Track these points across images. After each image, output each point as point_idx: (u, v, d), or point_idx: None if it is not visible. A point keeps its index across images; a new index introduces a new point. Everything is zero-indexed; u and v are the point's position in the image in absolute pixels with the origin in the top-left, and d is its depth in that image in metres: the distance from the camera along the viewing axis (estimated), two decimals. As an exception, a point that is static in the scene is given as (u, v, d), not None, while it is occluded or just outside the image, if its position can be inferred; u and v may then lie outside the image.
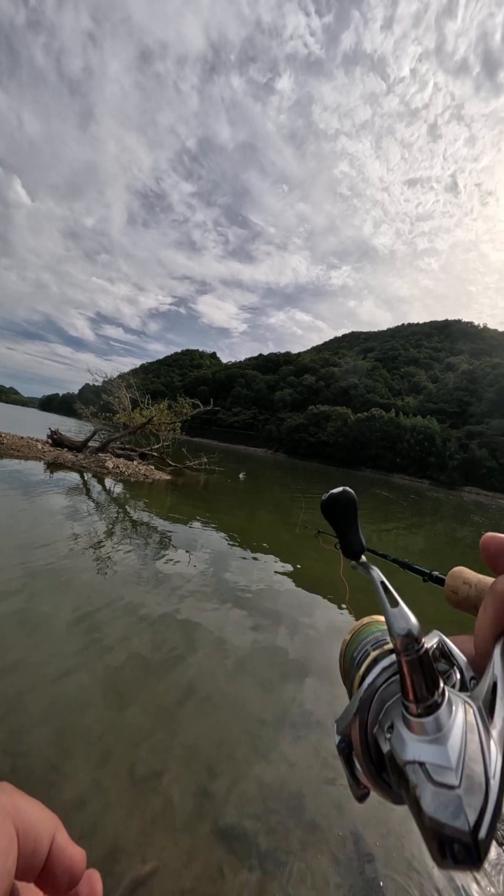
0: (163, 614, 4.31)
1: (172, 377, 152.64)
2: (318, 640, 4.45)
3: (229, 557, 6.94)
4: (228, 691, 3.25)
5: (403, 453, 79.23)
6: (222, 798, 2.26)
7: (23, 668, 3.07)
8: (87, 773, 2.27)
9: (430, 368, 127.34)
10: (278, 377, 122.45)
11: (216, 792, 2.29)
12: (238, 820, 2.15)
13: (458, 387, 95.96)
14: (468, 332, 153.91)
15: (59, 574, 4.80)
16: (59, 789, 2.15)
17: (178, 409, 19.68)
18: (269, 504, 16.31)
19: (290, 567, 6.89)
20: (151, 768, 2.36)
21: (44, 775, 2.22)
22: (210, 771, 2.42)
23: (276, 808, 2.25)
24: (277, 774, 2.49)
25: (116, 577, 5.11)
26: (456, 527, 19.84)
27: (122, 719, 2.73)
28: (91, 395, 40.47)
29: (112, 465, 15.00)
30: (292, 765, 2.58)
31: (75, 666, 3.20)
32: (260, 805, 2.26)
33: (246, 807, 2.23)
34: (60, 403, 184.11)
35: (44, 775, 2.22)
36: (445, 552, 12.21)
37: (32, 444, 16.05)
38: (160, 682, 3.20)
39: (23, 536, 5.92)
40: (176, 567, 5.89)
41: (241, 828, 2.11)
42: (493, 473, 73.99)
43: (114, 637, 3.70)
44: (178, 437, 21.12)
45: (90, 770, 2.29)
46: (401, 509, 22.61)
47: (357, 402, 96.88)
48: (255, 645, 4.07)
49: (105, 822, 2.01)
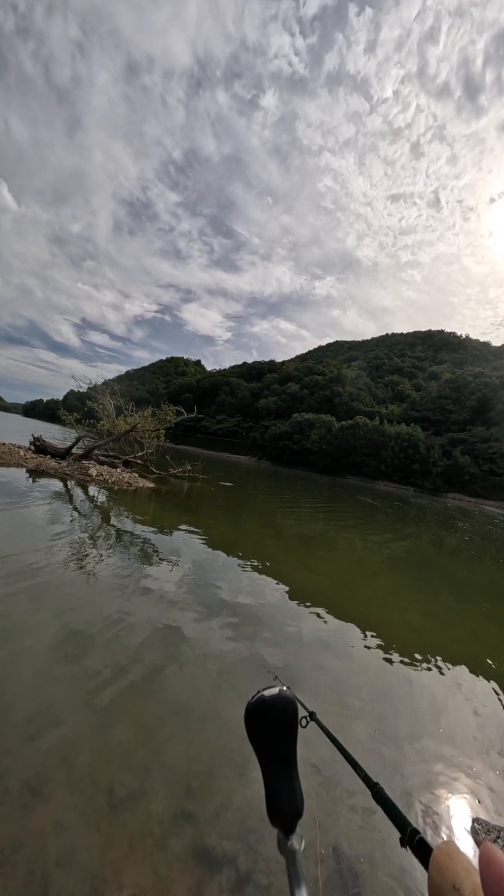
0: (144, 626, 4.26)
1: (157, 384, 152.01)
2: (301, 651, 4.44)
3: (212, 566, 6.90)
4: (209, 706, 3.22)
5: (388, 460, 79.99)
6: (201, 818, 2.23)
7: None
8: (64, 795, 2.22)
9: (414, 377, 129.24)
10: (262, 385, 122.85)
11: (195, 812, 2.25)
12: (217, 841, 2.12)
13: (441, 395, 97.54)
14: (451, 343, 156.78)
15: (38, 584, 4.71)
16: (34, 813, 2.10)
17: (162, 416, 19.56)
18: (253, 512, 16.29)
19: (272, 576, 6.88)
20: (130, 789, 2.32)
21: (19, 798, 2.17)
22: (189, 790, 2.38)
23: (255, 826, 2.23)
24: (257, 791, 2.46)
25: (97, 588, 5.04)
26: (442, 532, 20.06)
27: (100, 737, 2.68)
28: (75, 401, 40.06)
29: (96, 473, 14.82)
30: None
31: (53, 680, 3.14)
32: (239, 825, 2.23)
33: (225, 827, 2.21)
34: (44, 409, 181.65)
35: (19, 798, 2.17)
36: (433, 557, 12.31)
37: (14, 451, 15.77)
38: (140, 696, 3.15)
39: (1, 546, 5.80)
40: (158, 577, 5.83)
41: (221, 849, 2.08)
42: (475, 480, 75.18)
43: (93, 649, 3.64)
44: (162, 445, 21.00)
45: (67, 792, 2.24)
46: (386, 517, 22.78)
47: (341, 410, 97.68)
48: (237, 656, 4.05)
49: (82, 848, 1.97)
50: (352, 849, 2.21)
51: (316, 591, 6.68)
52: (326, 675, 4.04)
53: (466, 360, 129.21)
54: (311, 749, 2.81)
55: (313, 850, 2.12)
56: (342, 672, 4.19)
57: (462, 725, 3.66)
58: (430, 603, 7.45)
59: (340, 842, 2.24)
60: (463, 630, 6.38)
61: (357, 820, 2.39)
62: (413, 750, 3.15)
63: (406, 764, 2.97)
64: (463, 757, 3.18)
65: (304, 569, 8.22)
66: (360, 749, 3.03)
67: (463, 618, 7.06)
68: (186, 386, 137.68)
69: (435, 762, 3.05)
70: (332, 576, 8.12)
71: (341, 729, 3.23)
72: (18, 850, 1.91)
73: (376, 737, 3.23)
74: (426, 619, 6.43)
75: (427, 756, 3.11)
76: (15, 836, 1.96)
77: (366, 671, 4.32)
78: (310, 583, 7.20)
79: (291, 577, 7.27)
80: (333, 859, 2.14)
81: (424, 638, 5.57)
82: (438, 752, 3.18)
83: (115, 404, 20.40)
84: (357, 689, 3.89)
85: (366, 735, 3.23)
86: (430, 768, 2.98)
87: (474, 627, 6.58)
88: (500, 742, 3.50)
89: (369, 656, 4.67)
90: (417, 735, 3.35)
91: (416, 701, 3.91)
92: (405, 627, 5.86)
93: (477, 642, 5.90)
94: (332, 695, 3.72)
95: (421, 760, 3.04)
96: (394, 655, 4.75)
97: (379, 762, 2.94)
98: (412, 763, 2.99)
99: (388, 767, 2.90)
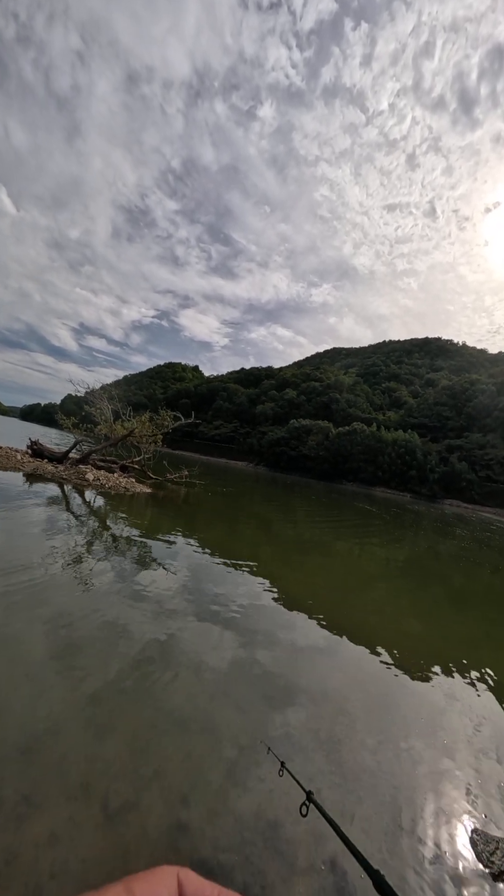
0: (140, 634, 4.24)
1: (155, 389, 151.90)
2: (296, 659, 4.43)
3: (209, 572, 6.88)
4: (205, 714, 3.19)
5: (385, 467, 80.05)
6: (197, 829, 2.21)
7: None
8: (60, 805, 2.20)
9: (411, 384, 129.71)
10: (260, 391, 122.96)
11: (191, 823, 2.23)
12: (213, 853, 2.10)
13: (438, 402, 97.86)
14: (448, 350, 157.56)
15: (34, 591, 4.68)
16: (30, 823, 2.08)
17: (159, 421, 19.55)
18: (250, 518, 16.26)
19: (269, 583, 6.86)
20: (126, 799, 2.29)
21: (13, 808, 2.14)
22: (185, 801, 2.36)
23: (252, 838, 2.21)
24: (254, 802, 2.45)
25: (93, 594, 5.01)
26: (439, 539, 20.06)
27: (95, 746, 2.65)
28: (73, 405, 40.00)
29: (93, 478, 14.78)
30: (269, 791, 2.54)
31: (48, 688, 3.11)
32: (236, 836, 2.21)
33: (221, 838, 2.19)
34: (42, 413, 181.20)
35: (13, 808, 2.14)
36: (431, 564, 12.29)
37: (11, 455, 15.73)
38: (136, 705, 3.13)
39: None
40: (154, 583, 5.81)
41: (216, 861, 2.06)
42: (472, 486, 75.32)
43: (89, 657, 3.62)
44: (160, 450, 20.97)
45: (63, 802, 2.21)
46: (383, 523, 22.77)
47: (338, 417, 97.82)
48: (233, 664, 4.02)
49: (77, 859, 1.95)
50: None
51: (313, 597, 6.66)
52: (322, 683, 4.02)
53: (463, 367, 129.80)
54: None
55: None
56: (339, 680, 4.17)
57: (459, 735, 3.64)
58: (428, 609, 7.43)
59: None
60: (461, 637, 6.37)
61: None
62: (410, 759, 3.13)
63: (403, 774, 2.95)
64: (460, 767, 3.17)
65: (301, 575, 8.20)
66: (356, 759, 3.01)
67: (462, 625, 7.05)
68: (184, 391, 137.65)
69: (432, 772, 3.04)
70: (329, 582, 8.10)
71: (337, 740, 3.21)
72: (13, 861, 1.89)
73: (374, 748, 3.21)
74: (424, 625, 6.42)
75: (424, 766, 3.09)
76: (9, 847, 1.94)
77: (362, 680, 4.31)
78: (306, 589, 7.17)
79: (288, 583, 7.25)
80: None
81: (422, 645, 5.56)
82: (436, 762, 3.16)
83: (113, 409, 20.38)
84: (353, 699, 3.88)
85: (363, 746, 3.22)
86: (428, 779, 2.96)
87: (471, 634, 6.57)
88: (498, 751, 3.48)
89: (366, 664, 4.66)
90: (414, 744, 3.34)
91: (414, 710, 3.89)
92: (402, 634, 5.85)
93: (475, 650, 5.89)
94: (329, 705, 3.70)
95: (418, 770, 3.03)
96: (391, 663, 4.73)
97: (375, 774, 2.92)
98: (409, 773, 2.98)
99: (385, 779, 2.88)
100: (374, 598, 7.78)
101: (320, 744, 3.10)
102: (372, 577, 9.40)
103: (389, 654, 4.96)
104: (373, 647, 5.08)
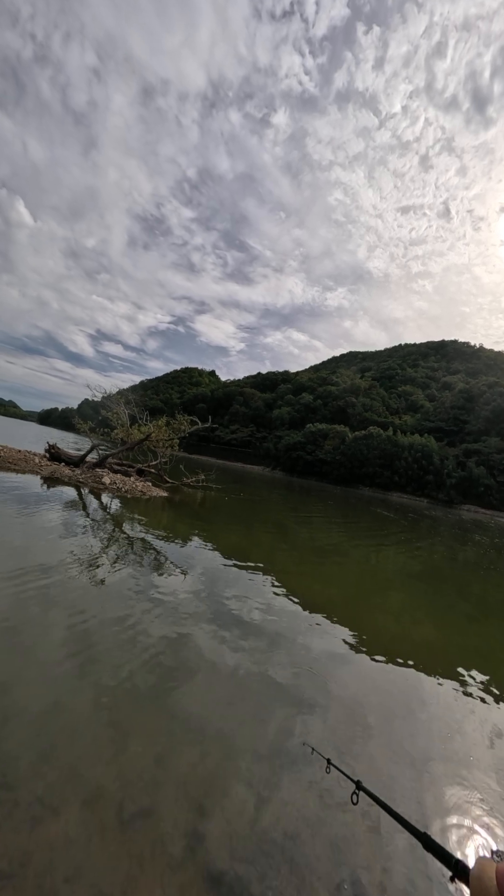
0: (157, 638, 4.22)
1: (171, 394, 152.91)
2: (316, 667, 4.35)
3: (225, 577, 6.84)
4: (223, 721, 3.15)
5: (401, 471, 79.09)
6: (213, 839, 2.16)
7: (10, 691, 2.98)
8: (75, 809, 2.18)
9: (427, 387, 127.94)
10: (276, 395, 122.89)
11: (207, 832, 2.19)
12: (229, 864, 2.05)
13: (454, 405, 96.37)
14: (464, 352, 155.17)
15: (51, 593, 4.71)
16: (44, 826, 2.06)
17: (176, 425, 19.65)
18: (267, 522, 16.19)
19: (287, 588, 6.79)
20: (141, 806, 2.26)
21: (28, 809, 2.13)
22: (201, 809, 2.32)
23: (269, 850, 2.15)
24: (272, 812, 2.39)
25: (109, 597, 5.02)
26: (457, 545, 19.69)
27: (112, 751, 2.63)
28: (90, 410, 40.53)
29: (109, 481, 14.90)
30: (287, 802, 2.48)
31: (65, 692, 3.11)
32: (253, 847, 2.16)
33: (238, 849, 2.14)
34: (59, 418, 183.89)
35: (28, 809, 2.13)
36: (448, 573, 12.06)
37: (30, 458, 15.96)
38: (152, 711, 3.10)
39: (15, 553, 5.83)
40: (171, 587, 5.79)
41: (233, 872, 2.02)
42: (490, 491, 73.82)
43: (106, 661, 3.61)
44: (176, 454, 21.07)
45: (77, 806, 2.20)
46: (400, 528, 22.46)
47: (354, 421, 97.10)
48: (251, 671, 3.97)
49: (90, 865, 1.92)
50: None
51: (330, 603, 6.57)
52: (343, 690, 3.94)
53: (480, 370, 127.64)
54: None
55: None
56: (358, 689, 4.09)
57: (479, 747, 3.53)
58: (447, 618, 7.27)
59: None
60: (481, 646, 6.20)
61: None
62: (429, 773, 3.03)
63: (422, 788, 2.86)
64: (481, 780, 3.06)
65: (318, 581, 8.11)
66: (376, 770, 2.93)
67: (481, 635, 6.87)
68: (200, 396, 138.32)
69: (452, 786, 2.94)
70: (346, 588, 7.99)
71: (359, 749, 3.14)
72: (27, 863, 1.87)
73: (393, 758, 3.12)
74: (442, 633, 6.28)
75: (444, 780, 3.00)
76: (24, 849, 1.93)
77: (382, 688, 4.21)
78: (324, 595, 7.08)
79: (305, 588, 7.17)
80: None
81: (441, 654, 5.43)
82: (456, 775, 3.06)
83: (129, 413, 20.56)
84: (373, 708, 3.79)
85: (383, 756, 3.13)
86: (448, 792, 2.86)
87: (492, 644, 6.40)
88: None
89: (385, 672, 4.56)
90: (433, 757, 3.24)
91: (433, 721, 3.79)
92: (421, 643, 5.72)
93: (494, 659, 5.72)
94: (348, 713, 3.62)
95: (437, 784, 2.93)
96: (410, 672, 4.62)
97: (395, 785, 2.84)
98: (428, 787, 2.88)
99: (405, 791, 2.80)
100: (392, 604, 7.65)
101: (340, 754, 3.02)
102: (389, 584, 9.25)
103: (407, 662, 4.85)
104: (391, 655, 4.98)
